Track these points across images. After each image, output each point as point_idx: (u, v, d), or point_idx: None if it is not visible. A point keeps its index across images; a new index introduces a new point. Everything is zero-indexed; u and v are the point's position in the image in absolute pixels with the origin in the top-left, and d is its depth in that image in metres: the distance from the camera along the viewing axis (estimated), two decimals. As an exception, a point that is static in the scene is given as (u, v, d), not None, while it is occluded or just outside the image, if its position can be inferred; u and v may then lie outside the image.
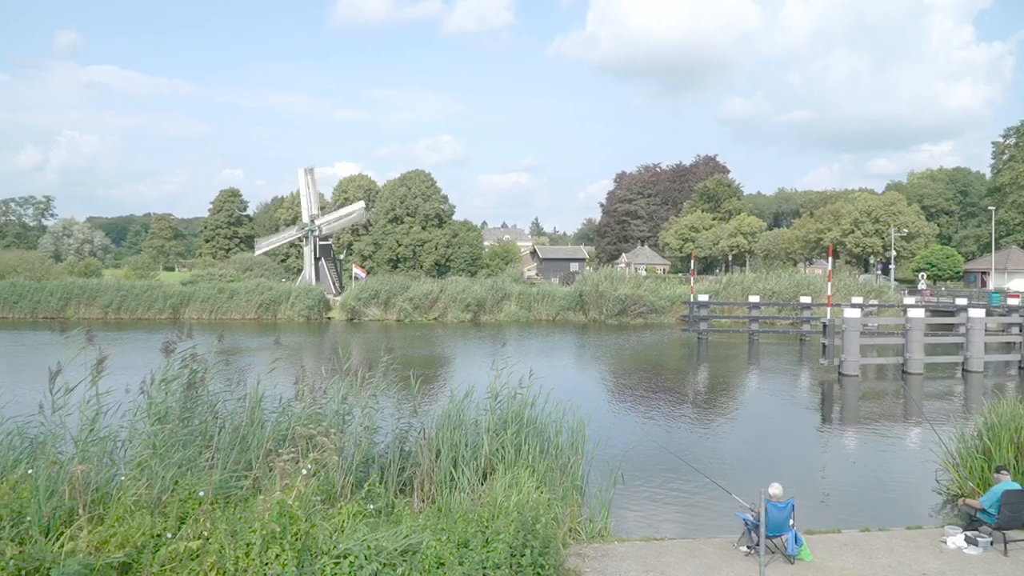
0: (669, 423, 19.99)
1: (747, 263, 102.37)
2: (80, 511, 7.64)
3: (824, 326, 29.24)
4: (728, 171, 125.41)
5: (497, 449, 11.11)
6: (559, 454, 11.89)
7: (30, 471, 8.12)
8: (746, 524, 9.69)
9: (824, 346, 29.09)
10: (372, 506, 9.04)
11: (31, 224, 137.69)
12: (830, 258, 33.65)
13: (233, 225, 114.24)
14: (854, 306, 31.14)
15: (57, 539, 7.33)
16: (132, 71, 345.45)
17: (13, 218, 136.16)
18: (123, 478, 8.31)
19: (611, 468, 12.09)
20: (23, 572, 6.74)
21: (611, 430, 17.70)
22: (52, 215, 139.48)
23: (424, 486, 10.67)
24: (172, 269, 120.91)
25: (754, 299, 44.87)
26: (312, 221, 68.19)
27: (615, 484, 11.68)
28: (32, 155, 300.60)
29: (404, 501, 9.94)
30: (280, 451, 9.22)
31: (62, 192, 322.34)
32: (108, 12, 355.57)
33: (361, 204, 77.00)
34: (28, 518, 7.51)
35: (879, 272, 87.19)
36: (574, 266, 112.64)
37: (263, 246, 73.65)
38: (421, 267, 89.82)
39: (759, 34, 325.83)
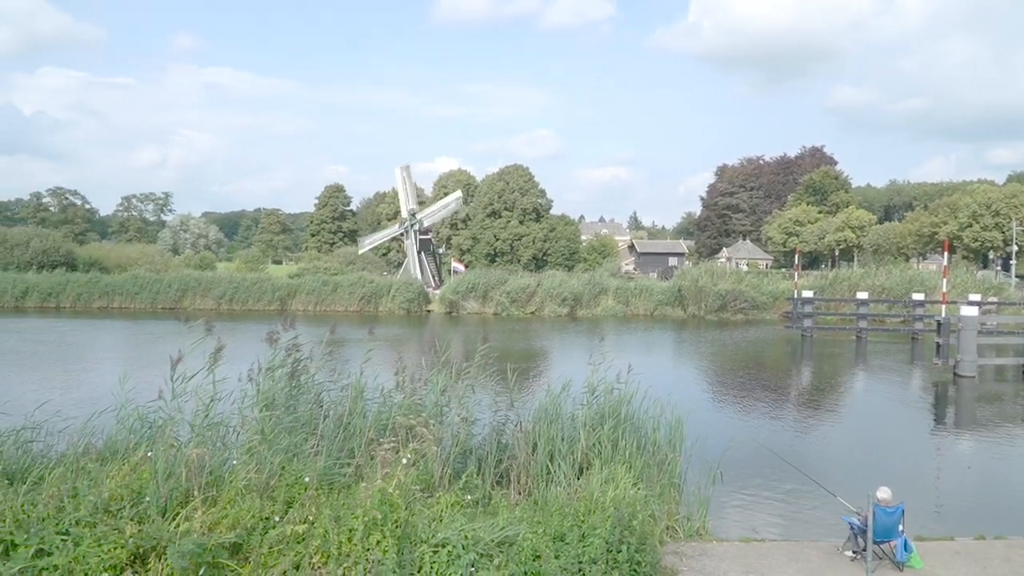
0: (771, 422, 19.48)
1: (855, 258, 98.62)
2: (195, 493, 7.99)
3: (938, 324, 27.86)
4: (835, 162, 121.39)
5: (594, 444, 11.08)
6: (656, 451, 11.77)
7: (149, 454, 8.57)
8: (852, 528, 9.35)
9: (938, 345, 27.71)
10: (469, 497, 9.13)
11: (151, 219, 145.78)
12: (945, 253, 32.11)
13: (337, 220, 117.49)
14: (971, 303, 29.60)
15: (173, 519, 7.68)
16: (245, 72, 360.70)
17: (135, 213, 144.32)
18: (234, 462, 8.64)
19: (710, 466, 11.87)
20: (141, 550, 7.07)
21: (710, 428, 17.38)
22: (170, 211, 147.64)
23: (520, 479, 10.71)
24: (280, 262, 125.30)
25: (862, 296, 43.06)
26: (412, 216, 69.55)
27: (713, 483, 11.44)
28: (152, 153, 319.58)
29: (501, 493, 9.99)
30: (381, 440, 9.45)
31: (179, 188, 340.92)
32: (224, 15, 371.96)
33: (458, 194, 77.69)
34: (147, 498, 7.89)
35: (999, 268, 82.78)
36: (673, 261, 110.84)
37: (366, 244, 76.07)
38: (519, 261, 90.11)
39: (871, 19, 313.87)
